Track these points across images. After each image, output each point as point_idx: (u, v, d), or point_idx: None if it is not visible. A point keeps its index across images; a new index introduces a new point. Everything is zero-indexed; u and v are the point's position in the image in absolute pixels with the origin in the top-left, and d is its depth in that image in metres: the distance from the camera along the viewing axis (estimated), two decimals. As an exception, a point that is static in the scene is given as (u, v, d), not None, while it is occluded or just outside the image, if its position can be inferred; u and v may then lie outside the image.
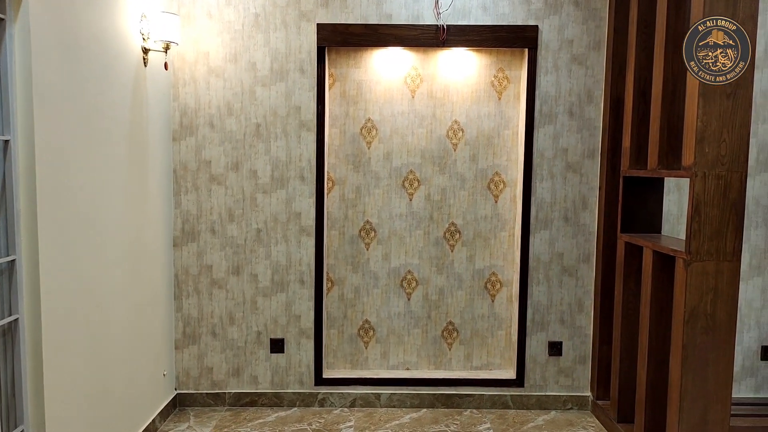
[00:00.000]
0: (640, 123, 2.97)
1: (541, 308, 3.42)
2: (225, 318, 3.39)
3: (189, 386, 3.41)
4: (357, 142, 3.43)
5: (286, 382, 3.43)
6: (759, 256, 3.38)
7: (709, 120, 2.34)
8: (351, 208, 3.46)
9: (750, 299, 3.40)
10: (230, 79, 3.28)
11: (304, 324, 3.39)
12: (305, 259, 3.36)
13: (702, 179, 2.36)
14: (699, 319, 2.42)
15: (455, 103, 3.41)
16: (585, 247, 3.40)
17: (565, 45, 3.29)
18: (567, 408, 3.45)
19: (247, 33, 3.26)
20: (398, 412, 3.37)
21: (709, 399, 2.44)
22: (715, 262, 2.40)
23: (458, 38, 3.24)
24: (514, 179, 3.46)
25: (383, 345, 3.53)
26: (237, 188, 3.33)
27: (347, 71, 3.40)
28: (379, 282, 3.49)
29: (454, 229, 3.47)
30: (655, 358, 2.78)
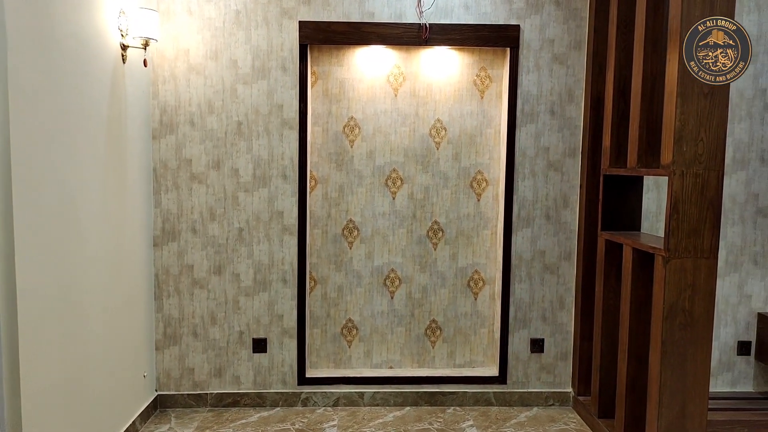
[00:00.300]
0: (619, 122, 3.01)
1: (523, 306, 3.44)
2: (206, 318, 3.36)
3: (170, 387, 3.37)
4: (340, 140, 3.42)
5: (269, 382, 3.40)
6: (735, 253, 3.45)
7: (687, 119, 2.37)
8: (334, 207, 3.45)
9: (727, 295, 3.46)
10: (211, 77, 3.25)
11: (286, 323, 3.38)
12: (288, 258, 3.34)
13: (680, 178, 2.40)
14: (677, 315, 2.45)
15: (438, 101, 3.42)
16: (566, 245, 3.43)
17: (546, 44, 3.31)
18: (549, 404, 3.49)
19: (228, 30, 3.22)
20: (382, 411, 3.37)
21: (688, 394, 2.48)
22: (693, 259, 2.44)
23: (441, 37, 3.25)
24: (496, 178, 3.47)
25: (366, 344, 3.53)
26: (218, 187, 3.30)
27: (330, 69, 3.38)
28: (362, 281, 3.49)
29: (437, 228, 3.48)
30: (635, 354, 2.82)
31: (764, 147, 3.39)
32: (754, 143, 3.39)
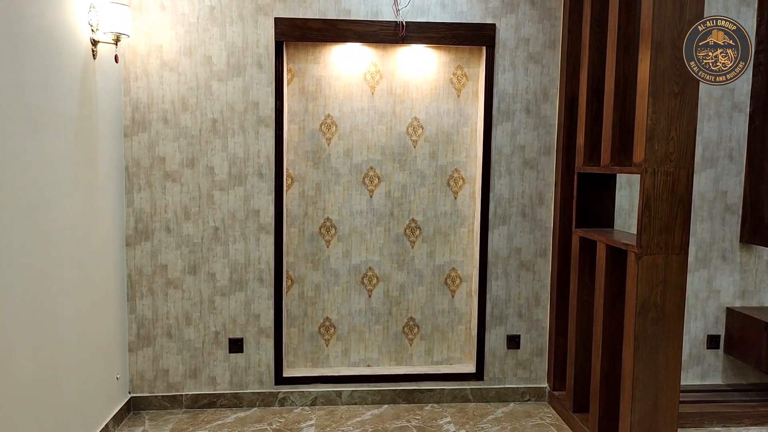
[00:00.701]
0: (593, 121, 3.05)
1: (499, 302, 3.47)
2: (181, 318, 3.31)
3: (144, 389, 3.32)
4: (316, 138, 3.40)
5: (246, 382, 3.37)
6: (705, 249, 3.53)
7: (659, 118, 2.42)
8: (311, 205, 3.43)
9: (696, 290, 3.55)
10: (185, 74, 3.19)
11: (263, 323, 3.35)
12: (264, 257, 3.31)
13: (652, 175, 2.45)
14: (649, 311, 2.50)
15: (415, 99, 3.42)
16: (542, 242, 3.47)
17: (521, 43, 3.34)
18: (525, 400, 3.53)
19: (202, 26, 3.18)
20: (360, 409, 3.37)
21: (660, 387, 2.53)
22: (665, 255, 2.49)
23: (417, 35, 3.25)
24: (473, 176, 3.49)
25: (344, 342, 3.52)
26: (193, 185, 3.25)
27: (306, 67, 3.36)
28: (340, 279, 3.48)
29: (414, 226, 3.48)
30: (608, 349, 2.87)
31: (732, 145, 3.47)
32: (722, 142, 3.47)
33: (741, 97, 3.44)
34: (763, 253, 3.55)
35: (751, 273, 3.56)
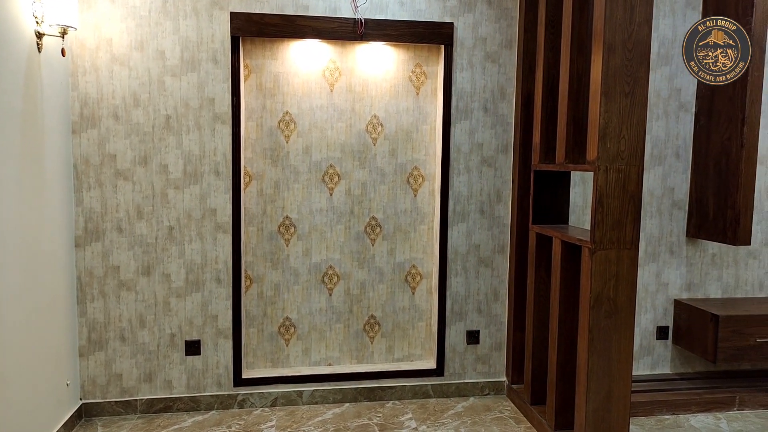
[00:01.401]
0: (548, 120, 3.12)
1: (459, 299, 3.51)
2: (135, 321, 3.21)
3: (96, 395, 3.20)
4: (275, 135, 3.35)
5: (203, 385, 3.30)
6: (654, 243, 3.66)
7: (610, 117, 2.49)
8: (269, 204, 3.38)
9: (646, 284, 3.68)
10: (136, 68, 3.09)
11: (221, 324, 3.28)
12: (222, 257, 3.24)
13: (604, 173, 2.52)
14: (603, 304, 2.58)
15: (374, 97, 3.42)
16: (500, 239, 3.53)
17: (479, 42, 3.38)
18: (485, 394, 3.58)
19: (154, 19, 3.08)
20: (321, 409, 3.35)
21: (613, 378, 2.62)
22: (617, 250, 2.57)
23: (376, 32, 3.24)
24: (432, 173, 3.52)
25: (305, 342, 3.49)
26: (146, 184, 3.15)
27: (263, 63, 3.30)
28: (300, 278, 3.44)
29: (375, 224, 3.48)
30: (564, 342, 2.94)
31: (679, 144, 3.61)
32: (669, 140, 3.61)
33: (687, 97, 3.58)
34: (708, 247, 3.71)
35: (697, 266, 3.71)
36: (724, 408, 3.39)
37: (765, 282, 3.80)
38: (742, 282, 3.78)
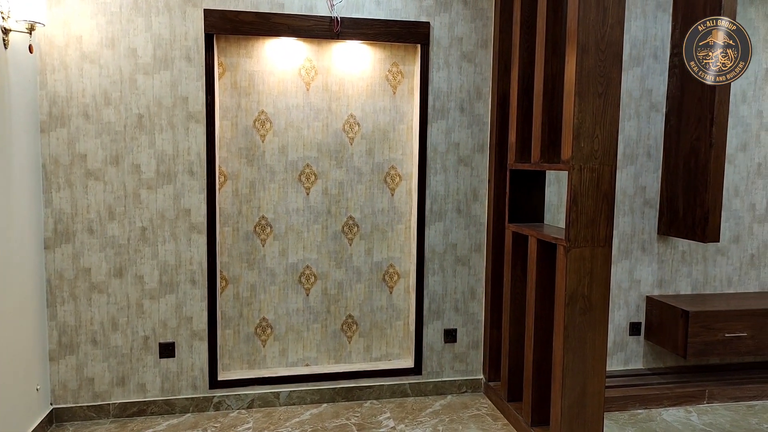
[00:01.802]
0: (524, 119, 3.15)
1: (436, 297, 3.53)
2: (107, 324, 3.14)
3: (67, 400, 3.13)
4: (250, 135, 3.32)
5: (178, 388, 3.25)
6: (626, 241, 3.73)
7: (584, 117, 2.52)
8: (245, 204, 3.34)
9: (619, 281, 3.74)
10: (107, 66, 3.03)
11: (196, 326, 3.23)
12: (196, 258, 3.20)
13: (578, 172, 2.55)
14: (578, 301, 2.61)
15: (351, 96, 3.40)
16: (476, 238, 3.55)
17: (455, 42, 3.40)
18: (462, 392, 3.60)
19: (125, 16, 3.02)
20: (298, 410, 3.33)
21: (588, 374, 2.66)
22: (591, 248, 2.60)
23: (352, 31, 3.23)
24: (409, 173, 3.52)
25: (282, 342, 3.46)
26: (118, 184, 3.09)
27: (238, 61, 3.26)
28: (277, 278, 3.41)
29: (352, 223, 3.47)
30: (540, 339, 2.97)
31: (650, 143, 3.68)
32: (641, 140, 3.67)
33: (658, 97, 3.65)
34: (679, 244, 3.79)
35: (668, 263, 3.80)
36: (695, 401, 3.47)
37: (733, 278, 3.91)
38: (711, 278, 3.87)
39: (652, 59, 3.62)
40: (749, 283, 3.93)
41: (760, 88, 3.78)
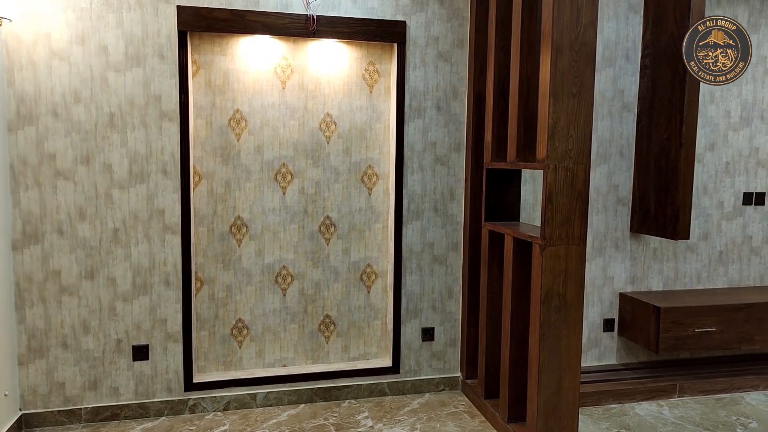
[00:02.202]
0: (500, 119, 3.17)
1: (414, 296, 3.53)
2: (78, 327, 3.07)
3: (37, 405, 3.05)
4: (225, 134, 3.27)
5: (152, 391, 3.20)
6: (600, 239, 3.79)
7: (559, 117, 2.56)
8: (220, 204, 3.30)
9: (593, 278, 3.80)
10: (77, 64, 2.96)
11: (170, 327, 3.18)
12: (171, 259, 3.15)
13: (553, 171, 2.58)
14: (553, 299, 2.65)
15: (327, 95, 3.39)
16: (453, 236, 3.57)
17: (431, 42, 3.40)
18: (440, 390, 3.62)
19: (95, 12, 2.95)
20: (275, 411, 3.30)
21: (563, 370, 2.69)
22: (566, 246, 2.64)
23: (329, 29, 3.21)
24: (386, 172, 3.52)
25: (258, 343, 3.43)
26: (88, 184, 3.02)
27: (212, 59, 3.22)
28: (253, 279, 3.38)
29: (329, 223, 3.46)
30: (516, 337, 3.00)
31: (623, 143, 3.75)
32: (614, 139, 3.74)
33: (630, 98, 3.72)
34: (650, 242, 3.87)
35: (640, 260, 3.87)
36: (666, 396, 3.55)
37: (702, 274, 4.00)
38: (681, 275, 3.96)
39: (624, 60, 3.68)
40: (717, 279, 4.04)
41: (728, 89, 3.88)
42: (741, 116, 3.90)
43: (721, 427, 3.19)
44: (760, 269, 4.11)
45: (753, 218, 4.05)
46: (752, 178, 4.00)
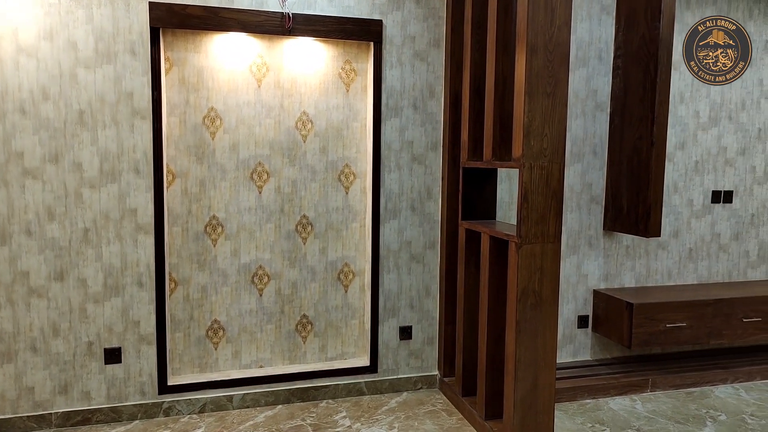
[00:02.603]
0: (476, 118, 3.19)
1: (391, 295, 3.54)
2: (48, 330, 2.99)
3: (5, 411, 2.96)
4: (200, 132, 3.23)
5: (125, 395, 3.13)
6: (574, 236, 3.85)
7: (534, 116, 2.58)
8: (195, 203, 3.25)
9: (568, 275, 3.85)
10: (45, 60, 2.88)
11: (144, 329, 3.12)
12: (143, 260, 3.09)
13: (529, 170, 2.61)
14: (529, 296, 2.67)
15: (303, 94, 3.36)
16: (430, 235, 3.58)
17: (407, 41, 3.41)
18: (417, 388, 3.63)
19: (64, 7, 2.88)
20: (252, 412, 3.27)
21: (539, 366, 2.72)
22: (541, 244, 2.67)
23: (304, 27, 3.19)
24: (363, 171, 3.51)
25: (234, 344, 3.39)
26: (58, 183, 2.95)
27: (186, 56, 3.17)
28: (229, 279, 3.34)
29: (306, 222, 3.43)
30: (493, 334, 3.03)
31: (596, 142, 3.81)
32: (587, 138, 3.79)
33: (603, 98, 3.78)
34: (623, 239, 3.94)
35: (613, 257, 3.94)
36: (639, 390, 3.62)
37: (673, 271, 4.09)
38: (653, 271, 4.04)
39: (597, 60, 3.74)
40: (687, 276, 4.13)
41: (697, 90, 3.96)
42: (710, 116, 3.99)
43: (691, 420, 3.27)
44: (728, 266, 4.22)
45: (721, 216, 4.15)
46: (720, 177, 4.11)
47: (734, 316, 3.74)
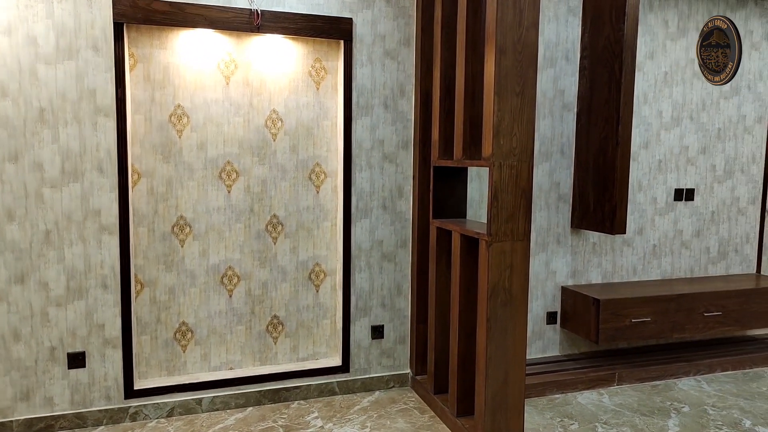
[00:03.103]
0: (446, 117, 3.21)
1: (363, 294, 3.53)
2: (8, 335, 2.89)
3: (-39, 421, 2.85)
4: (166, 130, 3.16)
5: (90, 400, 3.05)
6: (543, 234, 3.90)
7: (503, 116, 2.61)
8: (161, 203, 3.18)
9: (537, 272, 3.91)
10: (3, 56, 2.77)
11: (109, 333, 3.04)
12: (108, 261, 3.01)
13: (498, 169, 2.63)
14: (499, 294, 2.70)
15: (273, 92, 3.33)
16: (402, 234, 3.59)
17: (378, 39, 3.40)
18: (390, 387, 3.63)
19: (23, 2, 2.78)
20: (222, 415, 3.22)
21: (509, 363, 2.75)
22: (511, 242, 2.70)
23: (274, 25, 3.16)
24: (334, 170, 3.49)
25: (203, 346, 3.34)
26: (17, 183, 2.84)
27: (151, 52, 3.10)
28: (197, 280, 3.28)
29: (276, 222, 3.40)
30: (464, 332, 3.05)
31: (563, 141, 3.87)
32: (555, 138, 3.86)
33: (570, 98, 3.85)
34: (590, 237, 4.02)
35: (580, 254, 4.01)
36: (606, 384, 3.70)
37: (638, 267, 4.19)
38: (619, 268, 4.14)
39: (564, 61, 3.80)
40: (651, 272, 4.24)
41: (660, 90, 4.07)
42: (672, 116, 4.10)
43: (656, 413, 3.35)
44: (690, 262, 4.35)
45: (683, 213, 4.28)
46: (682, 175, 4.23)
47: (696, 310, 3.85)
